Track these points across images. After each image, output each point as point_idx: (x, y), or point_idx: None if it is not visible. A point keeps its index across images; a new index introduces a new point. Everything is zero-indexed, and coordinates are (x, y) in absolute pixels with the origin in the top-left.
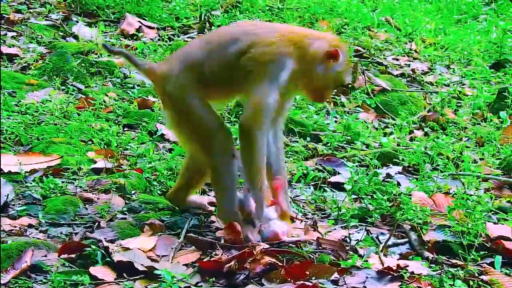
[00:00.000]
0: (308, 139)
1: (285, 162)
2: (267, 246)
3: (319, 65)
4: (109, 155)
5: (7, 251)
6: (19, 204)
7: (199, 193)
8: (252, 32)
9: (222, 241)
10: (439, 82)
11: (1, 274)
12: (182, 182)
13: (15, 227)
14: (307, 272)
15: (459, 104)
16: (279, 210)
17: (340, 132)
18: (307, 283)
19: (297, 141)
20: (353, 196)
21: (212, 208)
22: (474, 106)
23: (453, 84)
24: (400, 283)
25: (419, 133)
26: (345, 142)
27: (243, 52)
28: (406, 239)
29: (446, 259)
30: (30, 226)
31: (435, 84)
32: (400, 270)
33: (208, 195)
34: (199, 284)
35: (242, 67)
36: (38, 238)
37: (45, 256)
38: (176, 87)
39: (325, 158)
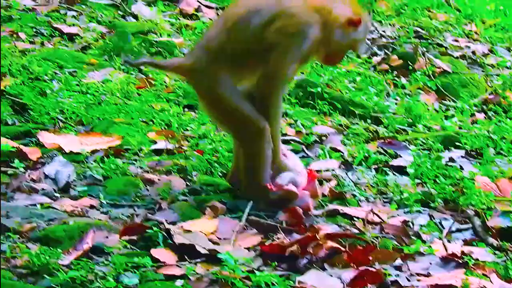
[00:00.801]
0: (369, 121)
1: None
2: (330, 230)
3: (337, 30)
4: (170, 136)
5: (68, 232)
6: (80, 184)
7: None
8: (273, 1)
9: (284, 225)
10: (500, 64)
11: (63, 255)
12: (235, 166)
13: (76, 207)
14: (370, 258)
15: None
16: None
17: (401, 115)
18: (370, 268)
19: (357, 123)
20: (416, 180)
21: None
22: None
23: None
24: (464, 270)
25: (481, 116)
26: (406, 124)
27: (267, 23)
28: (469, 225)
29: (511, 246)
30: (91, 206)
31: (496, 66)
32: (464, 257)
33: None
34: (261, 268)
35: (266, 40)
36: (100, 219)
37: (107, 237)
38: (205, 77)
39: (386, 141)
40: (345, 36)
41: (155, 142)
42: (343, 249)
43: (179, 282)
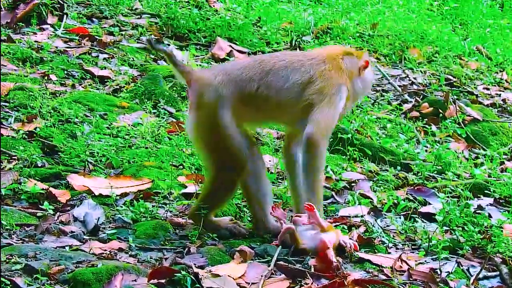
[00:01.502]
0: (398, 168)
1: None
2: (358, 276)
3: (357, 80)
4: (200, 180)
5: (97, 274)
6: (109, 227)
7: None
8: (309, 63)
9: (312, 270)
10: None
11: None
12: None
13: (105, 250)
14: None
15: None
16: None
17: (431, 162)
18: None
19: (387, 170)
20: (444, 228)
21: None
22: None
23: None
24: None
25: (510, 164)
26: (435, 172)
27: (305, 83)
28: (497, 272)
29: None
30: (120, 249)
31: None
32: None
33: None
34: None
35: (303, 99)
36: (128, 262)
37: (135, 280)
38: (212, 95)
39: (415, 188)
40: (365, 80)
41: (185, 186)
42: None
43: None
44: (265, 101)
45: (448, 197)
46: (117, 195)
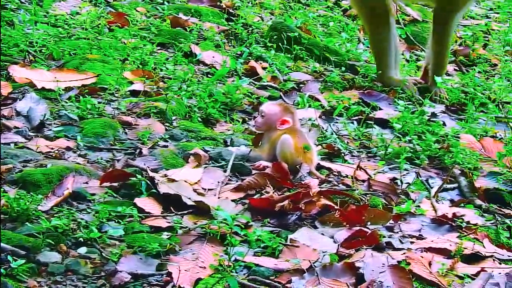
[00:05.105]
0: (343, 68)
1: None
2: (315, 183)
3: None
4: (147, 76)
5: (47, 175)
6: (55, 124)
7: None
8: None
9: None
10: (468, 14)
11: (44, 201)
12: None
13: (52, 149)
14: (363, 217)
15: (487, 38)
16: None
17: (374, 63)
18: (364, 229)
19: (332, 71)
20: (400, 135)
21: None
22: (505, 42)
23: (481, 17)
24: (458, 233)
25: (450, 67)
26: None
27: None
28: (455, 184)
29: (498, 208)
30: (68, 148)
31: (465, 17)
32: (456, 219)
33: None
34: (249, 224)
35: None
36: (78, 163)
37: (87, 183)
38: None
39: (365, 92)
40: None
41: (131, 83)
42: (335, 207)
43: (165, 235)
44: None
45: (405, 104)
46: (61, 89)
